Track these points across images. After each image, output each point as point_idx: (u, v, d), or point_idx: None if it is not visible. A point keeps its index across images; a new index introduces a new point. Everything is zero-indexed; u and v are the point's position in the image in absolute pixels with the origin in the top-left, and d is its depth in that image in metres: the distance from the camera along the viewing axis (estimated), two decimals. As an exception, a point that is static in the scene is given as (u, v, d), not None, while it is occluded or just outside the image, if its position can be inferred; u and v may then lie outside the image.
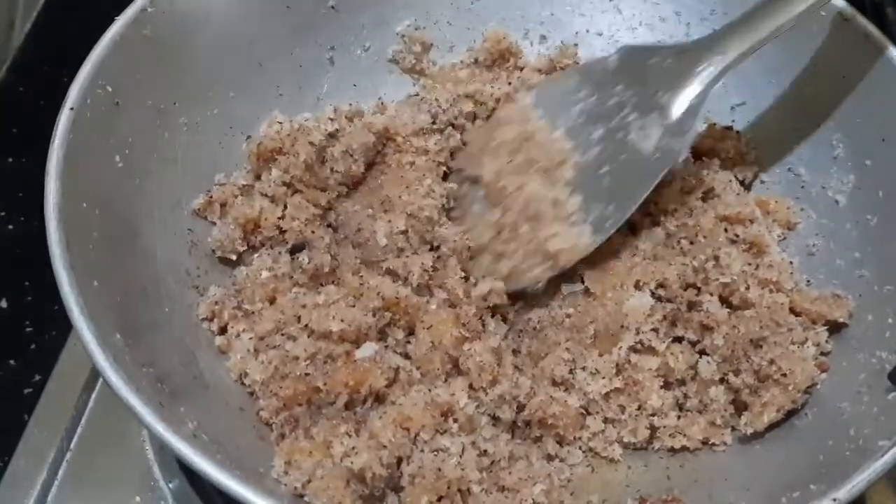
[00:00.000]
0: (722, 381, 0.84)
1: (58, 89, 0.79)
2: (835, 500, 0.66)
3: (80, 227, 0.74)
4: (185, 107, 0.90)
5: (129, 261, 0.80)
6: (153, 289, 0.81)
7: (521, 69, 1.06)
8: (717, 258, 0.86)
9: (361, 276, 0.86)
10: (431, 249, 0.89)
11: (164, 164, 0.88)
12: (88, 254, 0.74)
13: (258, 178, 0.94)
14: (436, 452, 0.75)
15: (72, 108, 0.78)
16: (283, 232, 0.91)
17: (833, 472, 0.69)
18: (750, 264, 0.87)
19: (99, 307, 0.71)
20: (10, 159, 1.08)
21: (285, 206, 0.91)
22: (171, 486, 0.89)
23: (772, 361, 0.80)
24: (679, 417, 0.84)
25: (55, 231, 0.72)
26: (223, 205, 0.91)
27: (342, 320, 0.81)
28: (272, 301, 0.86)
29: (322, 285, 0.87)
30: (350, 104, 1.01)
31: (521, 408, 0.82)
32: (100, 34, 0.84)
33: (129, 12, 0.86)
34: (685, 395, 0.85)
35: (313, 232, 0.90)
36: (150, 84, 0.87)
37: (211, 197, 0.91)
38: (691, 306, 0.85)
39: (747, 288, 0.85)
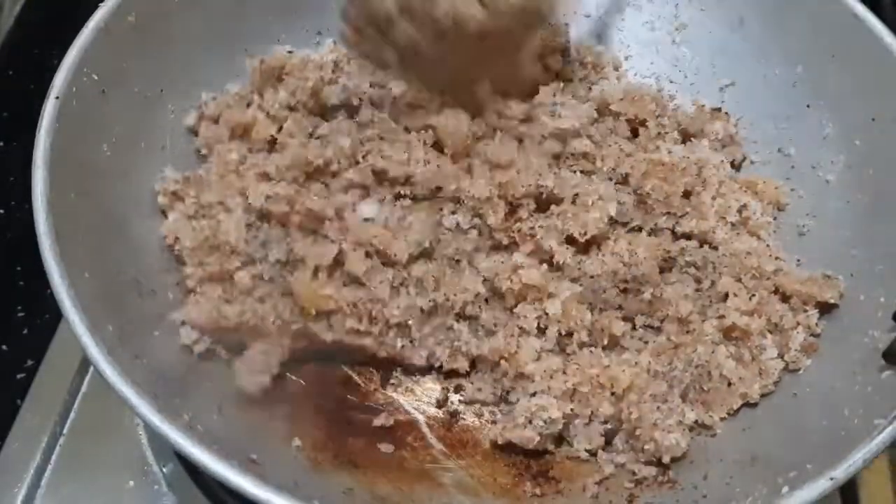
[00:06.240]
0: None
1: (48, 72, 0.78)
2: (832, 479, 0.66)
3: (69, 217, 0.73)
4: (171, 94, 0.89)
5: (120, 250, 0.79)
6: (144, 278, 0.80)
7: None
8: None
9: None
10: None
11: (152, 152, 0.87)
12: (78, 245, 0.73)
13: (260, 95, 0.93)
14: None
15: (57, 97, 0.77)
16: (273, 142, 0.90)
17: (829, 452, 0.69)
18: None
19: (90, 299, 0.70)
20: (1, 143, 1.07)
21: (279, 130, 0.90)
22: (164, 469, 0.88)
23: None
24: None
25: (44, 223, 0.71)
26: (216, 121, 0.90)
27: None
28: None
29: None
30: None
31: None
32: (90, 16, 0.82)
33: (112, -1, 0.84)
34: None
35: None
36: (135, 71, 0.86)
37: (202, 113, 0.90)
38: None
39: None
